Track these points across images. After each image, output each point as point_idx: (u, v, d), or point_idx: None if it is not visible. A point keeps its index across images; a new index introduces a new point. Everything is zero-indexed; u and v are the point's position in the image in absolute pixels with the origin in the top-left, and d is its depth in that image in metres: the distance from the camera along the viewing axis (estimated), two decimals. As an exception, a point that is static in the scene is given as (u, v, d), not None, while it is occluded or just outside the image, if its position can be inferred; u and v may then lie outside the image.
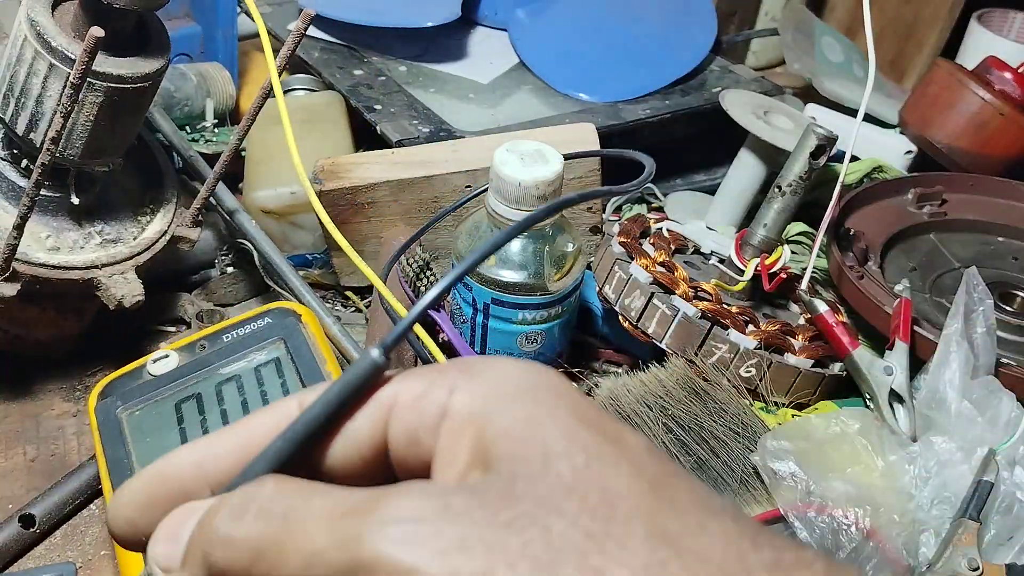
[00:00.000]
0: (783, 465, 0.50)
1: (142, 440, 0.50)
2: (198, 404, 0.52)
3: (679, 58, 0.90)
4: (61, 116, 0.49)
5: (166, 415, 0.51)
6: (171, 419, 0.51)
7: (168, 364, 0.53)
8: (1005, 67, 0.82)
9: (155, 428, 0.51)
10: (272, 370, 0.54)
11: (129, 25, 0.54)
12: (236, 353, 0.54)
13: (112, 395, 0.52)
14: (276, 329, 0.55)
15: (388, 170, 0.68)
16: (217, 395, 0.52)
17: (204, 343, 0.55)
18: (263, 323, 0.56)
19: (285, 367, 0.54)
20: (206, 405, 0.52)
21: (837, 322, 0.61)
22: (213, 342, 0.55)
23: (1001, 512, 0.50)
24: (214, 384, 0.53)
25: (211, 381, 0.53)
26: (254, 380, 0.53)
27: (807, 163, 0.62)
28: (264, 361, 0.54)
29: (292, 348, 0.54)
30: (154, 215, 0.63)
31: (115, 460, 0.49)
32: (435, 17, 0.89)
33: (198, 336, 0.55)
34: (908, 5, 1.09)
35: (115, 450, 0.49)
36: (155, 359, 0.53)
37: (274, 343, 0.55)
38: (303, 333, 0.55)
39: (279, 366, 0.54)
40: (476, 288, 0.61)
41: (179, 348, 0.55)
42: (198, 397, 0.52)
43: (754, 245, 0.64)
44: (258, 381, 0.53)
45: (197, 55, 0.88)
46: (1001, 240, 0.78)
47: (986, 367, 0.57)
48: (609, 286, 0.64)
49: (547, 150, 0.59)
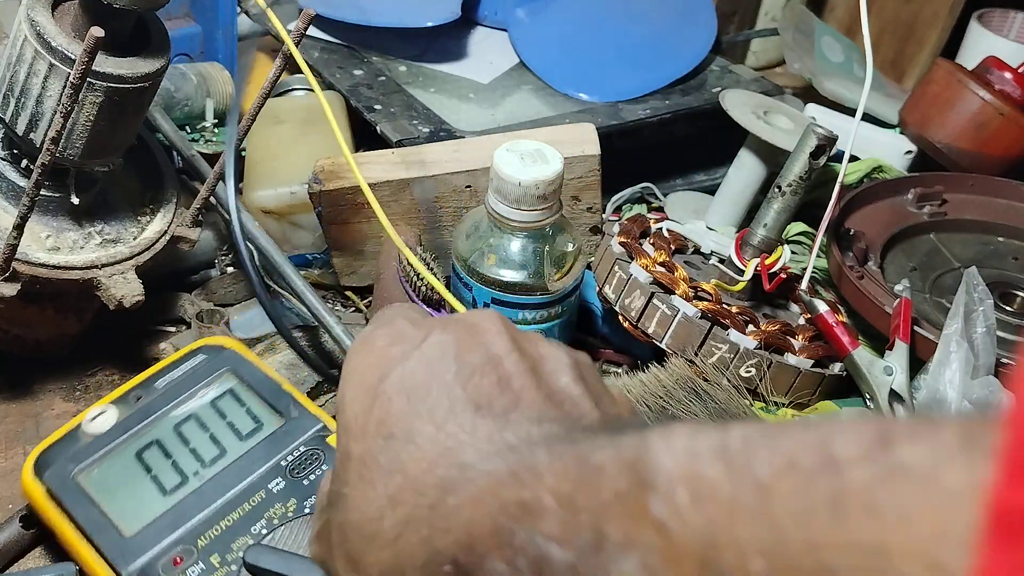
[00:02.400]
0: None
1: (112, 497, 0.49)
2: (162, 450, 0.52)
3: (679, 58, 0.90)
4: (61, 116, 0.49)
5: (129, 467, 0.51)
6: (136, 470, 0.51)
7: (107, 420, 0.53)
8: (1005, 67, 0.82)
9: (122, 482, 0.50)
10: (230, 400, 0.54)
11: (129, 25, 0.54)
12: (183, 394, 0.54)
13: (55, 463, 0.50)
14: (218, 362, 0.56)
15: (388, 170, 0.68)
16: (179, 437, 0.52)
17: (138, 393, 0.54)
18: (198, 360, 0.56)
19: (243, 395, 0.54)
20: (171, 449, 0.52)
21: (837, 322, 0.61)
22: (147, 391, 0.54)
23: (1001, 512, 0.50)
24: (171, 427, 0.53)
25: (166, 425, 0.53)
26: (215, 413, 0.54)
27: (807, 163, 0.62)
28: (218, 394, 0.54)
29: (245, 376, 0.55)
30: (154, 215, 0.63)
31: (91, 520, 0.48)
32: (435, 17, 0.89)
33: (129, 387, 0.55)
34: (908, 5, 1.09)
35: (88, 513, 0.48)
36: (91, 417, 0.52)
37: (222, 375, 0.55)
38: (249, 361, 0.56)
39: (236, 395, 0.54)
40: (476, 288, 0.61)
41: (113, 402, 0.54)
42: (158, 443, 0.52)
43: (754, 245, 0.64)
44: (220, 414, 0.54)
45: (197, 55, 0.88)
46: (1001, 240, 0.78)
47: (986, 367, 0.57)
48: (609, 286, 0.64)
49: (547, 150, 0.59)
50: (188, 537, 0.48)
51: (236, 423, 0.53)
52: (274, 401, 0.54)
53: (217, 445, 0.52)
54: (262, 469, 0.51)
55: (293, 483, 0.51)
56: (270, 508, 0.50)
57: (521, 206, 0.58)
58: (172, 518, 0.48)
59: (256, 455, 0.52)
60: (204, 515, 0.49)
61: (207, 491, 0.50)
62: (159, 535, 0.47)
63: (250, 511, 0.49)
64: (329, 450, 0.52)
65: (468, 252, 0.62)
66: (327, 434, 0.52)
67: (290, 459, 0.51)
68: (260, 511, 0.49)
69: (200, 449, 0.52)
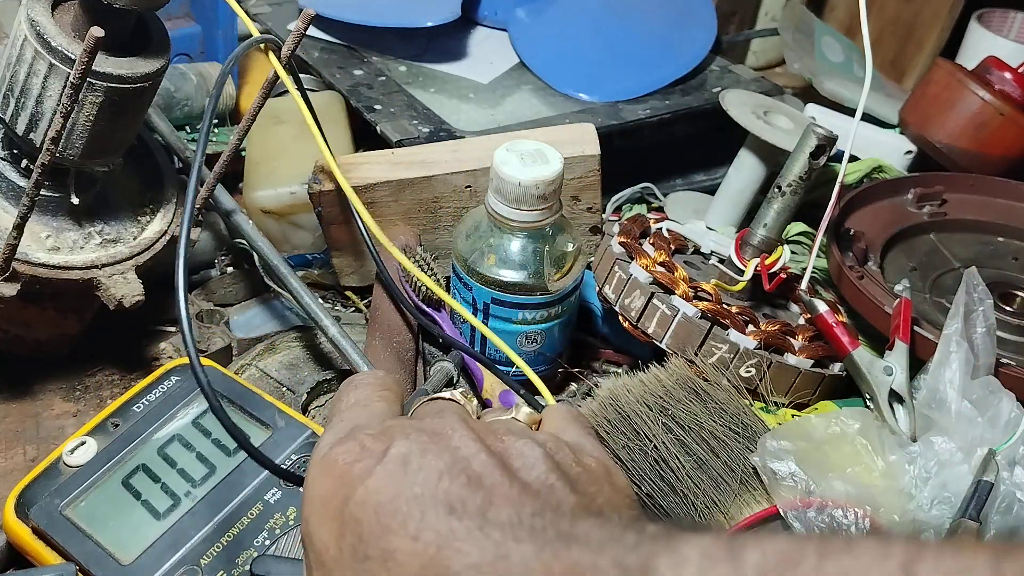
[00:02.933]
0: (783, 465, 0.50)
1: (104, 527, 0.49)
2: (148, 474, 0.51)
3: (679, 58, 0.90)
4: (61, 116, 0.49)
5: (117, 495, 0.50)
6: (125, 496, 0.50)
7: (88, 451, 0.52)
8: (1005, 67, 0.82)
9: (113, 511, 0.50)
10: (212, 418, 0.53)
11: (129, 25, 0.54)
12: (162, 417, 0.54)
13: (39, 500, 0.50)
14: (194, 382, 0.54)
15: (388, 170, 0.68)
16: (165, 459, 0.52)
17: (116, 420, 0.54)
18: (173, 382, 0.56)
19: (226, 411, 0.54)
20: (157, 471, 0.51)
21: (837, 322, 0.60)
22: (125, 417, 0.54)
23: (1001, 512, 0.50)
24: (154, 451, 0.52)
25: (149, 449, 0.52)
26: (198, 433, 0.53)
27: (807, 163, 0.62)
28: (200, 412, 0.54)
29: (225, 392, 0.55)
30: (154, 215, 0.63)
31: (86, 553, 0.47)
32: (435, 17, 0.89)
33: (104, 416, 0.54)
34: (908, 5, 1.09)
35: (83, 546, 0.47)
36: (70, 450, 0.52)
37: (200, 394, 0.54)
38: (226, 376, 0.56)
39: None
40: (476, 288, 0.61)
41: (90, 432, 0.53)
42: (144, 468, 0.52)
43: (754, 245, 0.64)
44: (203, 432, 0.53)
45: (197, 55, 0.88)
46: (1001, 240, 0.78)
47: (986, 367, 0.57)
48: (609, 286, 0.64)
49: (547, 150, 0.59)
50: (190, 557, 0.47)
51: (222, 439, 0.53)
52: (258, 413, 0.54)
53: (205, 463, 0.52)
54: (256, 482, 0.51)
55: (289, 492, 0.51)
56: (270, 519, 0.49)
57: (521, 206, 0.58)
58: (170, 540, 0.48)
59: (247, 468, 0.51)
60: (203, 533, 0.48)
61: (202, 510, 0.49)
62: (160, 559, 0.47)
63: (250, 524, 0.49)
64: None
65: (468, 252, 0.62)
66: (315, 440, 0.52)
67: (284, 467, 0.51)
68: (260, 523, 0.49)
69: (188, 469, 0.52)
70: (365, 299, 0.73)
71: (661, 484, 0.53)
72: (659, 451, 0.54)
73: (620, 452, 0.55)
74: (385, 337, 0.63)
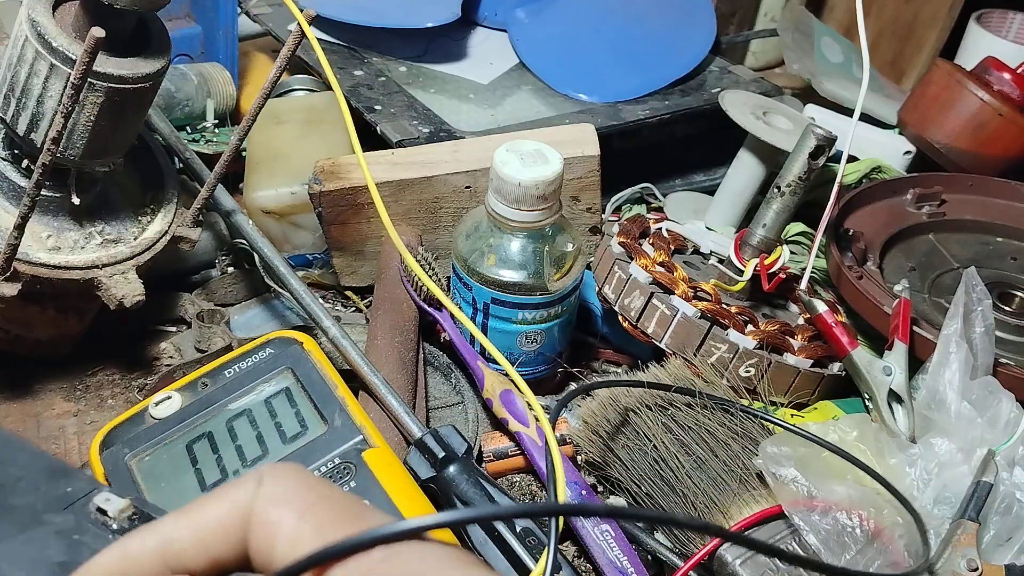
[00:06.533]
0: (784, 471, 0.50)
1: (156, 486, 0.49)
2: (211, 443, 0.52)
3: (679, 58, 0.90)
4: (62, 116, 0.49)
5: (178, 458, 0.51)
6: (184, 461, 0.51)
7: (171, 406, 0.53)
8: (1004, 68, 0.82)
9: (168, 472, 0.50)
10: (283, 400, 0.53)
11: (130, 26, 0.54)
12: (242, 387, 0.54)
13: (116, 443, 0.51)
14: (281, 359, 0.55)
15: (388, 170, 0.68)
16: (229, 432, 0.52)
17: (206, 380, 0.54)
18: (266, 354, 0.56)
19: (296, 396, 0.54)
20: (219, 443, 0.52)
21: (836, 322, 0.61)
22: (215, 379, 0.54)
23: (1000, 512, 0.50)
24: (224, 421, 0.53)
25: (221, 418, 0.53)
26: (266, 412, 0.53)
27: (806, 163, 0.62)
28: (274, 392, 0.54)
29: (301, 376, 0.54)
30: (155, 215, 0.63)
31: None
32: (435, 17, 0.89)
33: (199, 374, 0.55)
34: (908, 5, 1.10)
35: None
36: (157, 402, 0.53)
37: (281, 373, 0.55)
38: (310, 360, 0.55)
39: (290, 395, 0.54)
40: (476, 288, 0.61)
41: (180, 388, 0.54)
42: (209, 436, 0.52)
43: (753, 245, 0.64)
44: (271, 413, 0.53)
45: (198, 55, 0.88)
46: (1000, 240, 0.78)
47: (985, 367, 0.57)
48: (609, 286, 0.64)
49: (547, 150, 0.60)
50: None
51: (284, 424, 0.53)
52: (323, 406, 0.53)
53: (262, 445, 0.52)
54: None
55: None
56: None
57: (521, 206, 0.58)
58: None
59: (294, 460, 0.51)
60: None
61: None
62: None
63: None
64: (362, 465, 0.50)
65: (468, 252, 0.62)
66: (364, 448, 0.51)
67: (323, 470, 0.50)
68: None
69: (245, 447, 0.52)
70: (365, 299, 0.73)
71: (661, 484, 0.53)
72: (659, 451, 0.54)
73: (620, 452, 0.56)
74: (387, 337, 0.63)
